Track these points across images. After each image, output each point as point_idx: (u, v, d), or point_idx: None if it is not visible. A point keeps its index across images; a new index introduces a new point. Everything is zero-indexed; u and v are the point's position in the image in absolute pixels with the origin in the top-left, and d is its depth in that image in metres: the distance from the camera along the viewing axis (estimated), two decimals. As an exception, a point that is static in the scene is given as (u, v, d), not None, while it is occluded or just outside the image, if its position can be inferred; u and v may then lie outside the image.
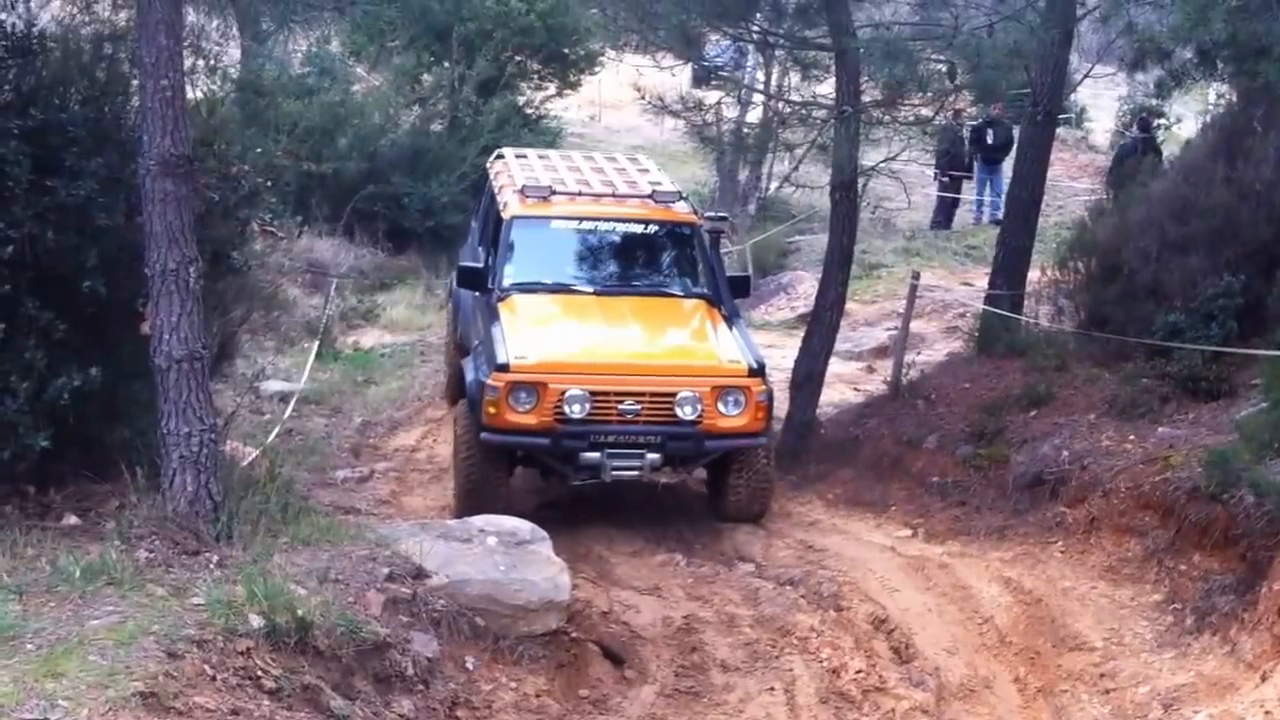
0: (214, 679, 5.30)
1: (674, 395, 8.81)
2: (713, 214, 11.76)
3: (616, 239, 10.27)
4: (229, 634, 5.58)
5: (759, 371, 9.04)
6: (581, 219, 10.19)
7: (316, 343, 13.89)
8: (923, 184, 20.17)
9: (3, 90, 7.19)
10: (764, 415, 9.03)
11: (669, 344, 9.63)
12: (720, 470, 9.35)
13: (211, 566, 6.30)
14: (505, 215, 10.20)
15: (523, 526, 7.80)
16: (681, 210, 10.48)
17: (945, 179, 20.27)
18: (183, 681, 5.14)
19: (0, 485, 6.93)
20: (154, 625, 5.45)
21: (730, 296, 10.01)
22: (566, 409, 8.68)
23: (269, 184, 9.31)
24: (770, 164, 20.94)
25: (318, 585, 6.32)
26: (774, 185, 21.68)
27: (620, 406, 8.77)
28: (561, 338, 9.26)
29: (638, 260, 10.35)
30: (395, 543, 7.21)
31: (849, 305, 12.51)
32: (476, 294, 10.12)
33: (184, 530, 6.55)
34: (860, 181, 11.25)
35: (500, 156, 11.94)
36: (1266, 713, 5.94)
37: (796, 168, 13.48)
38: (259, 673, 5.52)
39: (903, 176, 13.10)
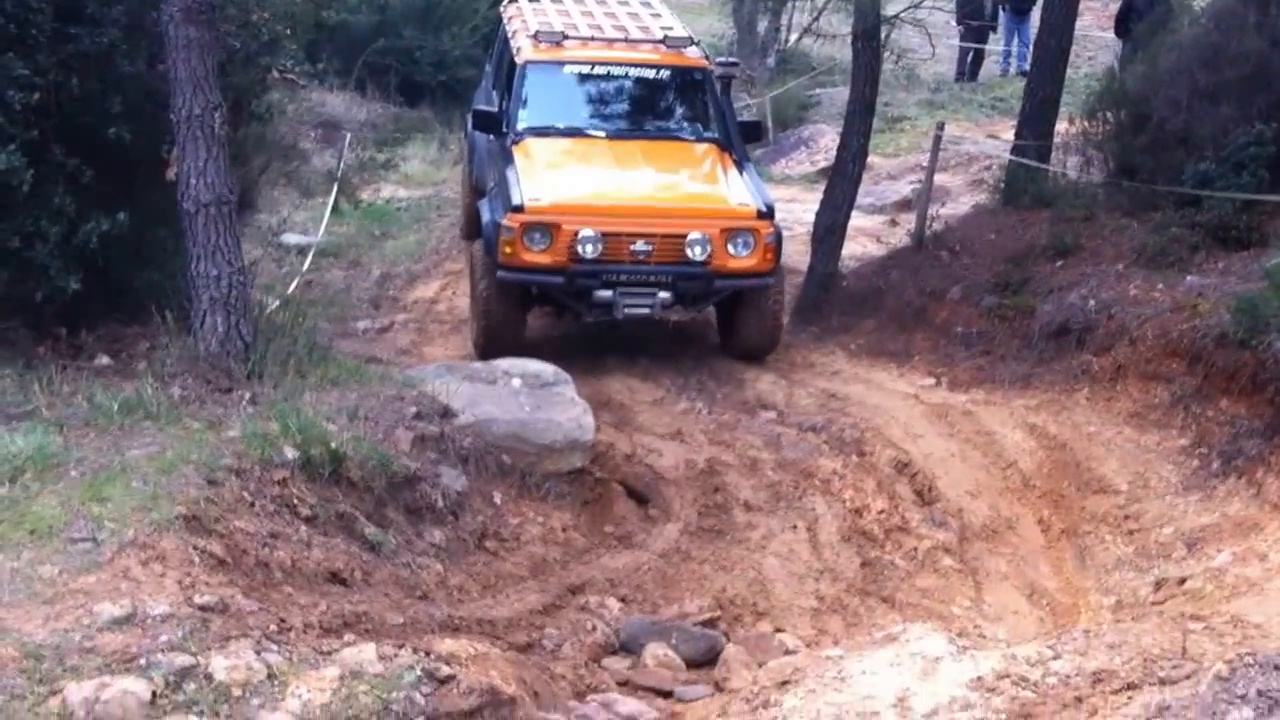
0: (253, 505, 5.43)
1: (684, 236, 8.92)
2: (724, 59, 11.70)
3: (629, 83, 10.30)
4: (265, 464, 5.70)
5: (767, 213, 9.12)
6: (594, 64, 10.21)
7: (332, 196, 13.80)
8: (948, 35, 19.73)
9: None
10: (772, 256, 9.13)
11: (680, 187, 9.71)
12: (730, 309, 9.52)
13: (244, 403, 6.40)
14: (519, 60, 10.24)
15: (546, 369, 7.91)
16: (693, 55, 10.52)
17: (964, 28, 19.85)
18: (223, 507, 5.26)
19: (32, 328, 7.04)
20: (193, 455, 5.55)
21: (741, 141, 10.05)
22: (580, 249, 8.79)
23: (289, 31, 9.21)
24: (790, 15, 20.52)
25: (348, 422, 6.43)
26: (793, 37, 21.26)
27: (632, 247, 8.89)
28: (574, 180, 9.35)
29: (650, 104, 10.39)
30: (422, 383, 7.31)
31: (871, 159, 12.35)
32: (491, 137, 10.19)
33: (216, 369, 6.65)
34: (883, 31, 11.03)
35: (514, 0, 11.78)
36: (1291, 550, 6.01)
37: (818, 18, 13.16)
38: (295, 501, 5.64)
39: (927, 26, 12.81)
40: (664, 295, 8.97)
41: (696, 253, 8.92)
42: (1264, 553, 6.24)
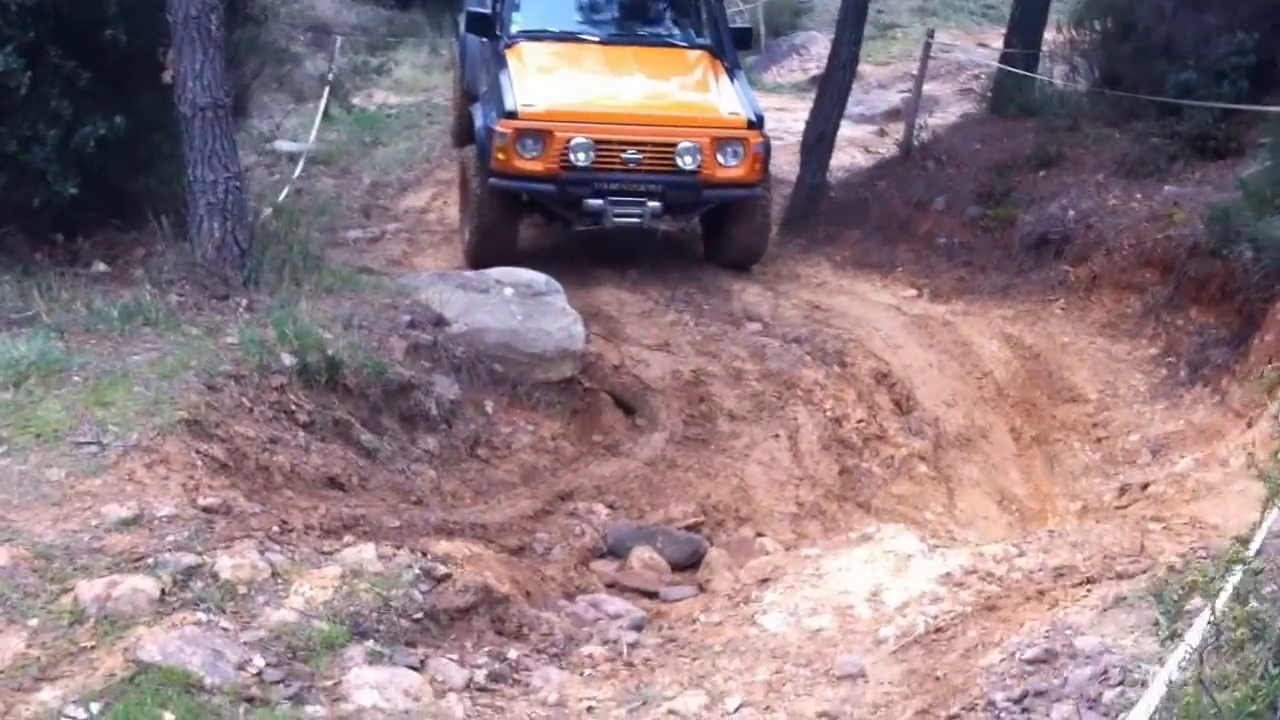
0: (251, 411, 5.58)
1: (675, 145, 8.97)
2: None
3: None
4: (263, 371, 5.84)
5: (757, 124, 9.18)
6: None
7: (323, 102, 13.78)
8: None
9: None
10: (761, 166, 9.21)
11: (671, 95, 9.73)
12: (717, 219, 9.62)
13: (241, 310, 6.53)
14: None
15: (538, 278, 7.98)
16: None
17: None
18: (223, 412, 5.42)
19: (30, 233, 7.11)
20: (192, 361, 5.70)
21: (732, 49, 10.07)
22: (572, 156, 8.85)
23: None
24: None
25: (343, 330, 6.55)
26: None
27: (623, 155, 8.94)
28: (568, 87, 9.37)
29: (643, 10, 10.42)
30: (415, 292, 7.41)
31: (863, 67, 12.37)
32: (485, 41, 10.16)
33: (213, 276, 6.76)
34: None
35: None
36: (1249, 454, 6.18)
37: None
38: (293, 407, 5.80)
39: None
40: (654, 205, 9.03)
41: (686, 162, 8.97)
42: (1224, 458, 6.44)
